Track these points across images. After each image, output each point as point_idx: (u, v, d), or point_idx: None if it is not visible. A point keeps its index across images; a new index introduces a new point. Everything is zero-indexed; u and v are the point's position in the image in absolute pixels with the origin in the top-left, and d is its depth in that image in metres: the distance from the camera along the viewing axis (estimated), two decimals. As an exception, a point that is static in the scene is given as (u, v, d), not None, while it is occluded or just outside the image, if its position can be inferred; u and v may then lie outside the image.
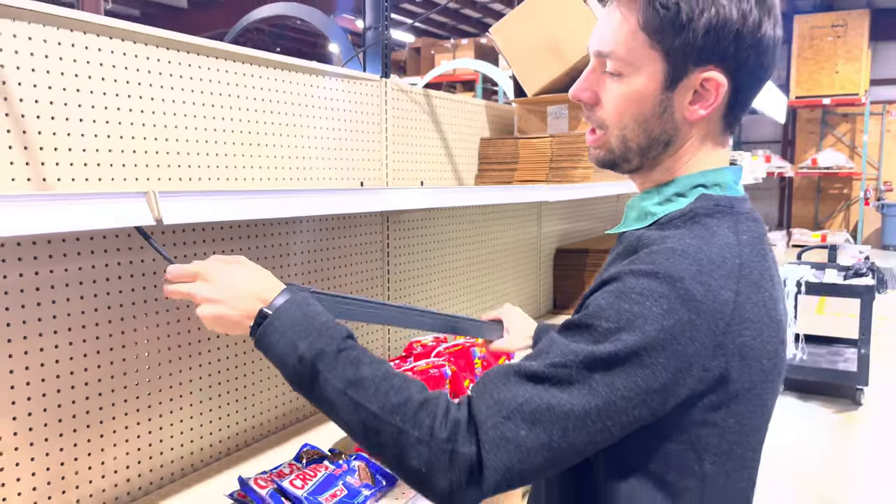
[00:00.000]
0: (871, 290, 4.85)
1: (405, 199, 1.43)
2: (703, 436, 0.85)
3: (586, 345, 0.82)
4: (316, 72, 1.80)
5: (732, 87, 0.89)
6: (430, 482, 0.81)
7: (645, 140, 0.93)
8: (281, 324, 0.89)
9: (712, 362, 0.82)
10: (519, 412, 0.80)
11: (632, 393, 0.80)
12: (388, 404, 0.82)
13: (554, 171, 2.43)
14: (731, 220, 0.90)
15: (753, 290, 0.86)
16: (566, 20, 2.30)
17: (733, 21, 0.85)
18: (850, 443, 4.24)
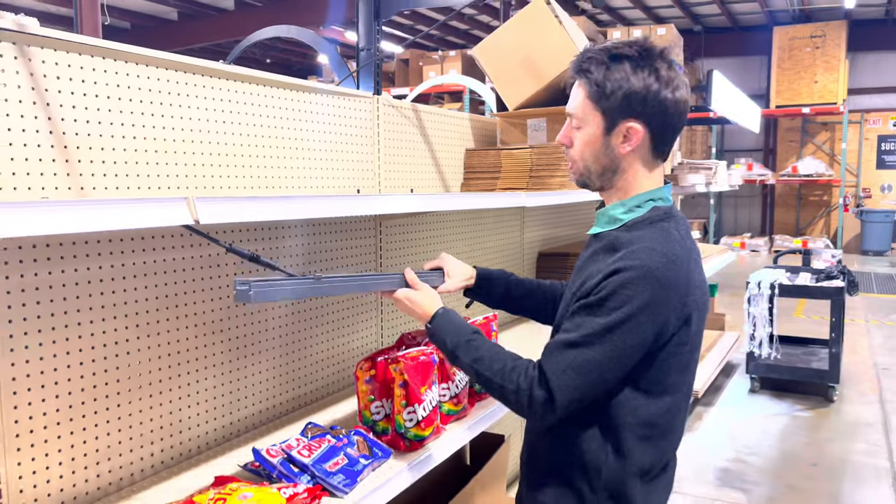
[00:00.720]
0: (841, 291, 5.08)
1: (397, 204, 1.62)
2: (672, 362, 1.32)
3: (602, 318, 1.27)
4: (318, 91, 1.98)
5: (649, 131, 1.34)
6: (523, 412, 1.33)
7: (598, 169, 1.39)
8: (437, 327, 1.47)
9: (682, 314, 1.30)
10: (570, 367, 1.28)
11: (635, 342, 1.27)
12: (494, 370, 1.35)
13: (533, 179, 2.62)
14: (674, 223, 1.36)
15: (695, 266, 1.35)
16: (544, 41, 2.50)
17: (639, 91, 1.31)
18: (820, 437, 4.45)
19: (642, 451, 1.34)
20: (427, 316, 1.49)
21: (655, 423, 1.34)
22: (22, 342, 1.30)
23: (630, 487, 1.35)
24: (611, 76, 1.31)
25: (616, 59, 1.32)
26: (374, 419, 1.67)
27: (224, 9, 12.88)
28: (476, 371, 1.38)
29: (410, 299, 1.51)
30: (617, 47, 1.34)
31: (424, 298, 1.51)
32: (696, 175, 4.40)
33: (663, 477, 1.43)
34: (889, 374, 5.80)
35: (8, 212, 0.85)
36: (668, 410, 1.35)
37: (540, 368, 1.30)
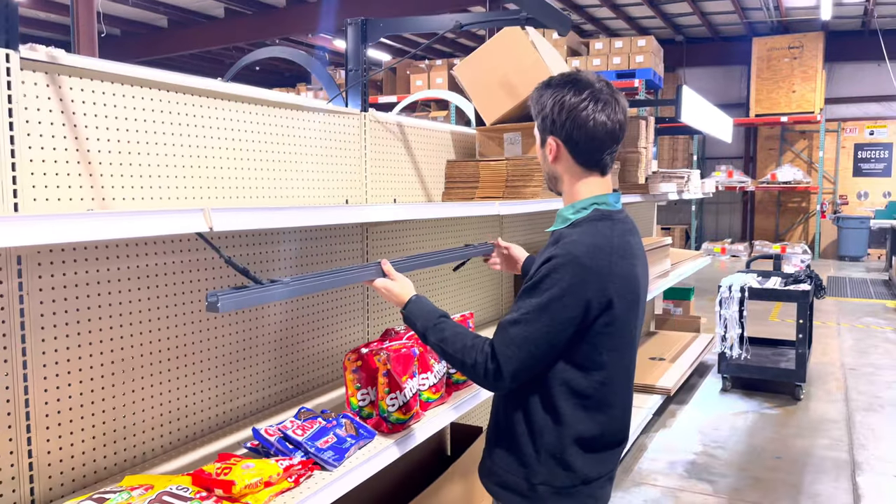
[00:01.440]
0: (807, 294, 5.33)
1: (382, 213, 1.82)
2: (600, 339, 1.55)
3: (536, 298, 1.51)
4: (310, 109, 2.19)
5: (567, 145, 1.59)
6: (479, 381, 1.55)
7: (546, 176, 1.70)
8: (410, 311, 1.67)
9: (602, 299, 1.52)
10: (513, 342, 1.51)
11: (564, 319, 1.50)
12: (456, 348, 1.57)
13: (509, 189, 2.83)
14: (609, 223, 1.60)
15: (619, 259, 1.56)
16: (518, 62, 2.72)
17: (549, 112, 1.59)
18: (785, 432, 4.69)
19: (578, 419, 1.56)
20: (402, 302, 1.69)
21: (589, 394, 1.56)
22: (51, 333, 1.49)
23: (569, 454, 1.57)
24: (539, 100, 1.61)
25: (546, 87, 1.61)
26: (360, 405, 1.87)
27: (214, 16, 13.05)
28: (442, 349, 1.59)
29: (387, 288, 1.70)
30: (552, 77, 1.62)
31: (399, 287, 1.71)
32: (668, 183, 4.63)
33: (608, 454, 1.64)
34: (856, 374, 6.06)
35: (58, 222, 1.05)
36: (601, 384, 1.57)
37: (491, 345, 1.54)
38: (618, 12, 13.20)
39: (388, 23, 2.36)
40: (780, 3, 12.76)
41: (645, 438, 4.53)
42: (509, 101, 2.75)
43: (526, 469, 1.59)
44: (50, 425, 1.50)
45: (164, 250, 1.71)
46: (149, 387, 1.71)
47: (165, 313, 1.74)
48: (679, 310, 6.82)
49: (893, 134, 14.90)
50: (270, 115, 2.05)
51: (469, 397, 2.13)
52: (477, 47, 2.92)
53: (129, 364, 1.66)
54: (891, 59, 13.47)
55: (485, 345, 1.55)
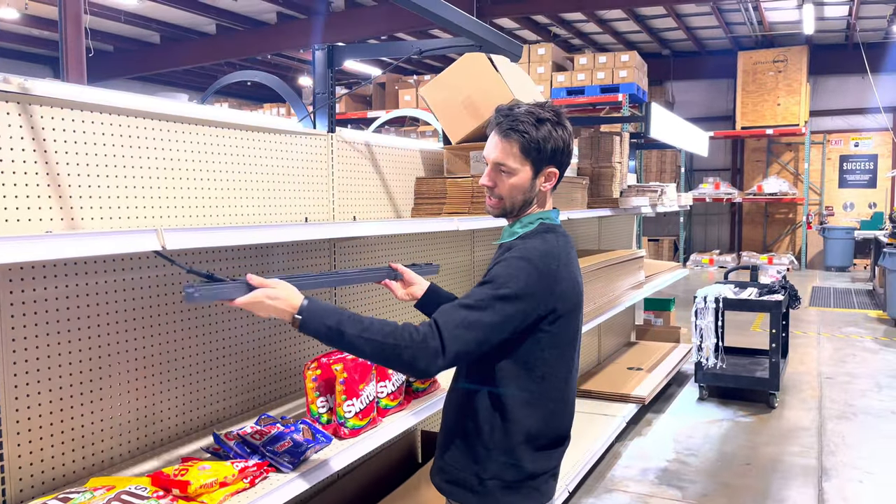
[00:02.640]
0: (779, 304, 5.46)
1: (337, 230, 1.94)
2: (544, 338, 1.68)
3: (491, 290, 1.61)
4: (277, 131, 2.30)
5: (560, 173, 1.77)
6: (415, 365, 1.54)
7: (521, 203, 1.77)
8: (311, 313, 1.54)
9: (549, 299, 1.65)
10: (462, 323, 1.57)
11: (512, 312, 1.60)
12: (385, 333, 1.53)
13: (475, 204, 2.95)
14: (554, 235, 1.77)
15: (564, 265, 1.71)
16: (481, 84, 2.84)
17: (562, 145, 1.73)
18: (758, 440, 4.79)
19: (524, 415, 1.68)
20: (293, 307, 1.52)
21: (533, 390, 1.68)
22: (22, 345, 1.59)
23: (519, 450, 1.68)
24: (540, 136, 1.69)
25: (542, 122, 1.70)
26: (319, 412, 1.98)
27: (205, 33, 13.21)
28: (366, 339, 1.51)
29: (270, 296, 1.51)
30: (539, 112, 1.70)
31: (284, 291, 1.53)
32: (641, 197, 4.76)
33: (554, 452, 1.76)
34: (832, 382, 6.18)
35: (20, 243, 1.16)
36: (542, 379, 1.69)
37: (435, 323, 1.56)
38: (604, 27, 13.41)
39: (353, 48, 2.49)
40: (764, 18, 12.98)
41: (620, 446, 4.63)
42: (473, 122, 2.88)
43: (477, 465, 1.70)
44: (21, 431, 1.60)
45: (130, 266, 1.82)
46: (116, 395, 1.81)
47: (132, 325, 1.84)
48: (660, 320, 6.94)
49: (878, 145, 15.12)
50: (237, 138, 2.17)
51: (428, 405, 2.24)
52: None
53: (96, 374, 1.76)
54: (873, 72, 13.70)
55: (423, 324, 1.57)
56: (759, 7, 12.18)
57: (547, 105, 1.73)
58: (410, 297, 2.04)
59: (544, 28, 13.39)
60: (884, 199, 15.06)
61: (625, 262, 4.49)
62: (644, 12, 12.87)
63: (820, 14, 12.37)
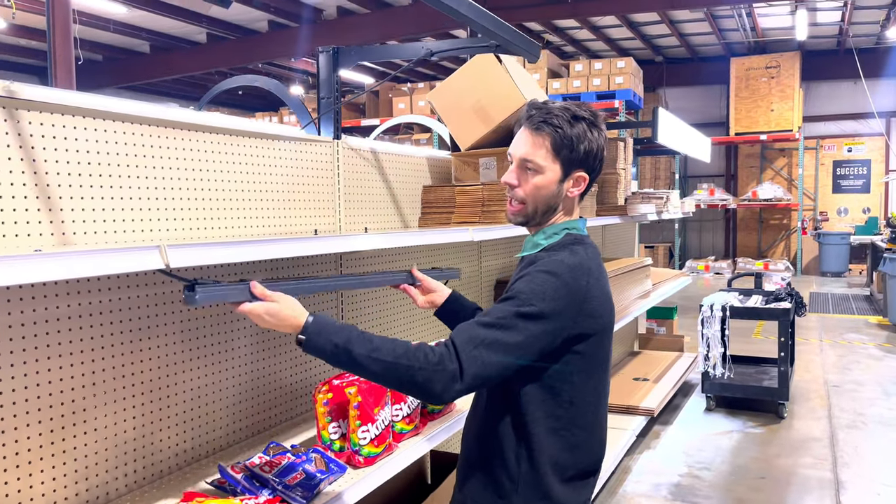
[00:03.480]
0: (787, 312, 5.36)
1: (351, 244, 1.81)
2: (573, 360, 1.53)
3: (514, 307, 1.46)
4: (280, 138, 2.17)
5: (591, 178, 1.62)
6: (430, 389, 1.40)
7: (545, 208, 1.62)
8: (316, 330, 1.43)
9: (577, 317, 1.50)
10: (482, 344, 1.42)
11: (538, 332, 1.45)
12: (397, 354, 1.40)
13: (485, 213, 2.83)
14: (583, 247, 1.62)
15: (595, 281, 1.56)
16: (491, 88, 2.73)
17: (595, 148, 1.59)
18: (770, 452, 4.67)
19: (551, 443, 1.52)
20: (298, 325, 1.43)
21: (560, 416, 1.53)
22: (8, 373, 1.45)
23: (547, 482, 1.52)
24: (574, 133, 1.55)
25: (578, 119, 1.57)
26: (331, 438, 1.84)
27: (196, 42, 13.07)
28: (376, 359, 1.38)
29: (270, 312, 1.43)
30: (576, 110, 1.58)
31: (288, 308, 1.44)
32: (647, 205, 4.65)
33: (584, 484, 1.60)
34: (839, 391, 6.08)
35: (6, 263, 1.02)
36: (571, 405, 1.53)
37: (452, 343, 1.42)
38: (598, 34, 13.37)
39: (360, 51, 2.37)
40: (757, 25, 12.98)
41: (629, 460, 4.50)
42: (483, 127, 2.76)
43: (503, 500, 1.55)
44: (8, 468, 1.46)
45: (126, 284, 1.68)
46: (111, 423, 1.67)
47: (128, 347, 1.70)
48: (662, 329, 6.83)
49: (871, 151, 15.14)
50: (239, 145, 2.04)
51: (444, 427, 2.11)
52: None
53: (89, 401, 1.62)
54: (866, 77, 13.72)
55: (440, 344, 1.43)
56: (752, 13, 12.17)
57: (584, 105, 1.60)
58: (430, 304, 1.93)
59: (537, 35, 13.33)
60: (878, 204, 15.06)
61: (633, 271, 4.38)
62: (638, 19, 12.85)
63: (813, 20, 12.38)
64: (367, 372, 1.42)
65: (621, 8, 11.06)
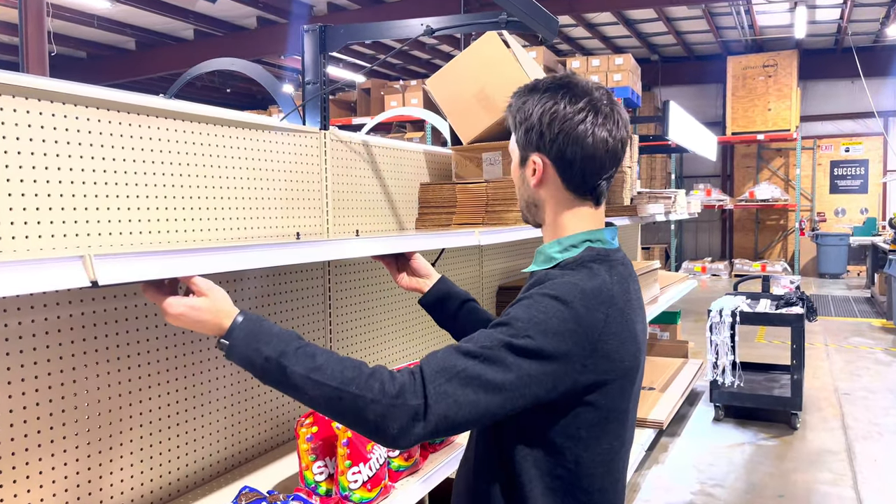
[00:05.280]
0: (801, 318, 5.10)
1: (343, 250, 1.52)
2: (583, 412, 1.20)
3: (505, 336, 1.14)
4: (255, 126, 1.88)
5: (557, 165, 1.27)
6: (384, 429, 1.09)
7: (523, 203, 1.37)
8: (242, 334, 1.12)
9: (588, 360, 1.17)
10: (457, 377, 1.11)
11: (533, 373, 1.13)
12: (345, 378, 1.09)
13: (489, 214, 2.55)
14: (607, 266, 1.27)
15: (618, 314, 1.22)
16: (496, 74, 2.45)
17: (536, 123, 1.26)
18: (785, 467, 4.41)
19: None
20: (222, 326, 1.13)
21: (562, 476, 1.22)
22: None
23: None
24: (522, 108, 1.29)
25: (531, 91, 1.30)
26: (316, 480, 1.55)
27: (183, 38, 12.74)
28: (316, 382, 1.09)
29: (194, 306, 1.12)
30: (538, 80, 1.31)
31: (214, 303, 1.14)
32: (655, 205, 4.39)
33: None
34: (850, 399, 5.84)
35: None
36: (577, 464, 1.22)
37: (420, 372, 1.12)
38: (593, 32, 13.13)
39: (350, 29, 2.08)
40: (755, 22, 12.77)
41: (638, 476, 4.23)
42: (488, 118, 2.48)
43: None
44: None
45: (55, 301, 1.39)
46: (48, 468, 1.37)
47: (68, 376, 1.41)
48: (666, 334, 6.57)
49: (869, 151, 14.97)
50: (208, 135, 1.75)
51: (448, 460, 1.83)
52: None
53: (19, 443, 1.32)
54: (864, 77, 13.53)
55: (397, 373, 1.12)
56: (750, 10, 11.96)
57: (574, 77, 1.30)
58: (413, 287, 1.66)
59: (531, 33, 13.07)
60: (876, 205, 14.90)
61: (643, 276, 4.11)
62: (634, 16, 12.62)
63: (811, 18, 12.18)
64: (304, 396, 1.11)
65: (618, 4, 10.81)
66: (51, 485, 1.38)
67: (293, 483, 1.65)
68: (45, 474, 1.37)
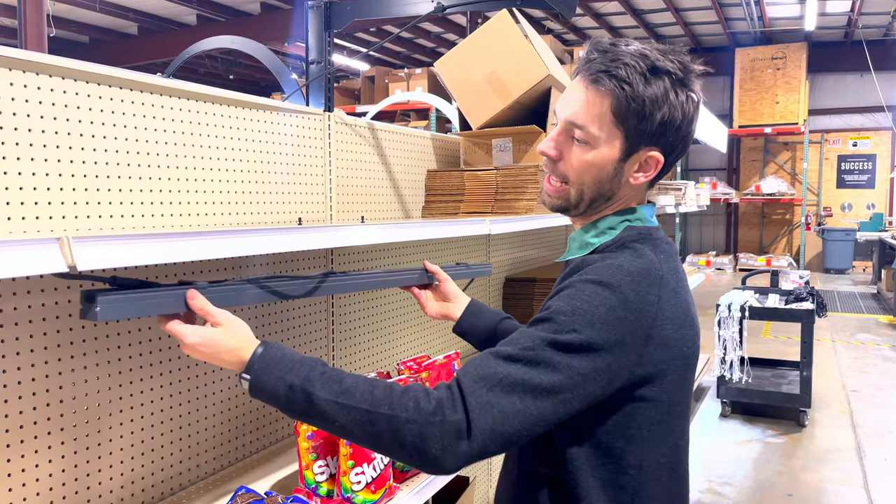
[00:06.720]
0: (812, 314, 5.01)
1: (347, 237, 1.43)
2: (643, 409, 1.10)
3: (548, 333, 1.04)
4: (255, 106, 1.79)
5: (665, 162, 1.16)
6: (424, 451, 0.98)
7: (596, 194, 1.18)
8: (266, 365, 1.04)
9: (644, 349, 1.07)
10: (499, 385, 1.00)
11: (585, 371, 1.02)
12: (375, 399, 1.00)
13: (499, 202, 2.45)
14: (651, 244, 1.17)
15: (671, 295, 1.12)
16: (509, 56, 2.34)
17: (677, 118, 1.12)
18: (794, 465, 4.33)
19: None
20: (242, 360, 1.05)
21: (625, 487, 1.11)
22: None
23: None
24: (650, 93, 1.09)
25: (657, 74, 1.10)
26: (317, 481, 1.47)
27: (186, 24, 12.61)
28: (345, 406, 0.99)
29: (206, 340, 1.03)
30: (657, 57, 1.10)
31: (231, 335, 1.05)
32: (666, 196, 4.29)
33: None
34: (858, 396, 5.75)
35: None
36: (640, 470, 1.10)
37: (457, 384, 1.01)
38: (600, 22, 12.98)
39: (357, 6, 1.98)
40: (764, 14, 12.61)
41: (644, 474, 4.15)
42: (499, 103, 2.38)
43: None
44: None
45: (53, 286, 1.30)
46: (31, 467, 1.29)
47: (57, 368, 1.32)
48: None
49: (876, 145, 14.82)
50: (206, 114, 1.65)
51: (455, 460, 1.73)
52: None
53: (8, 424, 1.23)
54: (874, 70, 13.37)
55: (433, 389, 1.03)
56: (760, 2, 11.80)
57: (671, 50, 1.13)
58: (443, 315, 1.54)
59: (538, 22, 12.93)
60: (883, 201, 14.76)
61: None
62: (642, 6, 12.46)
63: (822, 10, 12.01)
64: (334, 425, 1.01)
65: (627, -7, 10.66)
66: (34, 483, 1.29)
67: (292, 483, 1.56)
68: (28, 472, 1.28)
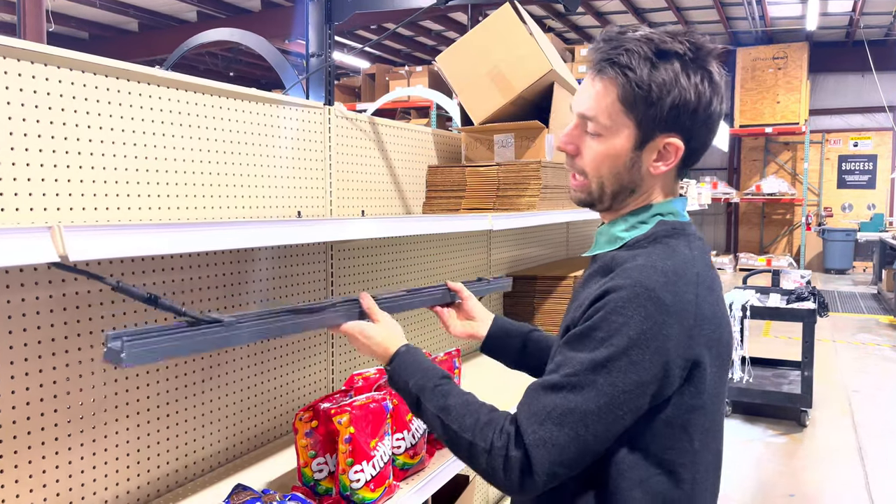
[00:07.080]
0: (813, 313, 4.99)
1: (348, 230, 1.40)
2: (693, 418, 1.07)
3: (587, 353, 1.02)
4: (255, 99, 1.76)
5: (686, 148, 1.11)
6: (497, 480, 1.05)
7: (617, 187, 1.15)
8: (398, 367, 1.22)
9: (688, 352, 1.04)
10: (549, 418, 1.02)
11: (630, 387, 1.01)
12: (463, 425, 1.09)
13: (500, 198, 2.43)
14: (685, 240, 1.13)
15: (707, 293, 1.09)
16: (512, 51, 2.32)
17: (691, 101, 1.07)
18: (795, 465, 4.31)
19: None
20: (387, 354, 1.24)
21: (674, 499, 1.07)
22: None
23: None
24: (657, 77, 1.05)
25: (664, 57, 1.06)
26: (315, 478, 1.44)
27: (186, 20, 12.57)
28: (442, 422, 1.12)
29: (365, 333, 1.26)
30: (663, 40, 1.07)
31: (383, 332, 1.26)
32: (667, 194, 4.26)
33: None
34: (860, 396, 5.73)
35: None
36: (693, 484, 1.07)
37: (514, 421, 1.05)
38: (601, 20, 12.94)
39: (358, -2, 1.96)
40: (766, 14, 12.58)
41: (644, 473, 4.13)
42: (501, 98, 2.35)
43: None
44: None
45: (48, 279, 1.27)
46: (25, 464, 1.26)
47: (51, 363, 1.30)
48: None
49: (877, 146, 14.80)
50: (205, 106, 1.62)
51: (454, 459, 1.71)
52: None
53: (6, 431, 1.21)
54: (876, 71, 13.34)
55: (506, 422, 1.06)
56: (762, 1, 11.77)
57: (682, 33, 1.08)
58: (469, 335, 1.50)
59: (539, 21, 12.89)
60: (884, 201, 14.74)
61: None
62: (643, 5, 12.43)
63: (823, 9, 11.98)
64: (434, 432, 1.17)
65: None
66: (27, 480, 1.26)
67: (290, 480, 1.54)
68: (21, 468, 1.25)
